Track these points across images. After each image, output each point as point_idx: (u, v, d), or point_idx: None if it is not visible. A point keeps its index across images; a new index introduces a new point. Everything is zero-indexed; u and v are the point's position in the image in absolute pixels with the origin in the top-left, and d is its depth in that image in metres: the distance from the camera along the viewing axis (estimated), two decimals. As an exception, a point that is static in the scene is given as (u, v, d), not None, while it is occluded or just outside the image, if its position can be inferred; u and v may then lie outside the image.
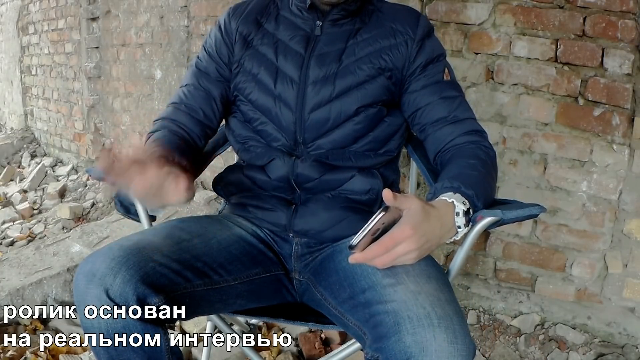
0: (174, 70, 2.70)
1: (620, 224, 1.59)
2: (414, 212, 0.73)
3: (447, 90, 1.00)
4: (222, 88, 1.05)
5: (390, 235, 0.72)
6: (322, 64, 0.98)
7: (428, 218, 0.74)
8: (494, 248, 1.78)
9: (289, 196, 1.01)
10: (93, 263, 0.77)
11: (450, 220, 0.78)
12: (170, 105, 1.06)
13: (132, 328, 0.76)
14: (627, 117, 1.55)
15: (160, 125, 1.03)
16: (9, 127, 5.18)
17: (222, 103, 1.05)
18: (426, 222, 0.74)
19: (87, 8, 3.31)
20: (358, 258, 0.74)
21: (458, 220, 0.79)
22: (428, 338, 0.66)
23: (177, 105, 1.05)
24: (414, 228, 0.72)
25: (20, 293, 1.72)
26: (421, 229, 0.73)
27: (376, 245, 0.72)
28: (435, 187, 0.85)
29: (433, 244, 0.76)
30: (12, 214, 3.09)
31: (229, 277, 0.92)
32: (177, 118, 1.03)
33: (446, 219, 0.78)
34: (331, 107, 0.97)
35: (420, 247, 0.73)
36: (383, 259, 0.73)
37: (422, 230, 0.73)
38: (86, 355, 1.52)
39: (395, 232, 0.72)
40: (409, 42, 0.99)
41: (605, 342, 1.64)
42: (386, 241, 0.72)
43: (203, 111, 1.04)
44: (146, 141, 1.00)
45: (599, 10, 1.53)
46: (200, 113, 1.04)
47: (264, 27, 1.03)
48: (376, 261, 0.74)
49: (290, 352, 1.59)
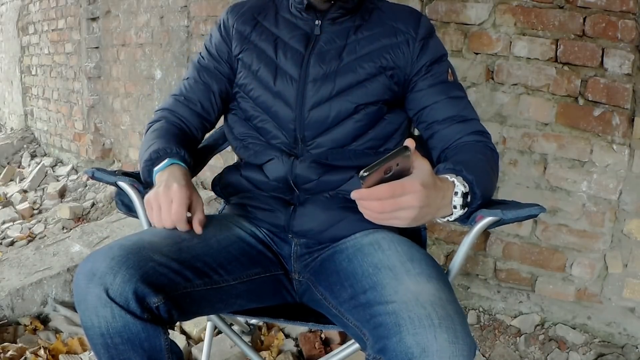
0: (174, 70, 2.70)
1: (620, 224, 1.59)
2: (425, 173, 0.73)
3: (454, 90, 1.00)
4: (222, 84, 1.07)
5: (401, 183, 0.70)
6: (323, 62, 0.98)
7: (434, 184, 0.74)
8: (494, 248, 1.78)
9: (287, 197, 1.01)
10: (93, 263, 0.77)
11: (449, 197, 0.79)
12: (170, 96, 1.10)
13: (132, 327, 0.76)
14: (627, 117, 1.55)
15: (159, 116, 1.08)
16: (9, 127, 5.18)
17: (221, 98, 1.07)
18: (432, 187, 0.74)
19: (87, 8, 3.31)
20: (363, 194, 0.71)
21: (456, 199, 0.79)
22: (429, 338, 0.66)
23: (177, 97, 1.09)
24: (423, 185, 0.71)
25: (20, 293, 1.72)
26: (428, 191, 0.72)
27: (385, 186, 0.70)
28: (437, 168, 0.85)
29: (430, 213, 0.76)
30: (12, 214, 3.09)
31: (229, 277, 0.92)
32: (176, 109, 1.07)
33: (447, 194, 0.78)
34: (331, 105, 0.97)
35: (421, 207, 0.72)
36: (384, 204, 0.71)
37: (428, 192, 0.72)
38: (86, 355, 1.52)
39: (406, 182, 0.71)
40: (411, 41, 0.99)
41: (605, 342, 1.64)
42: (395, 186, 0.70)
43: (201, 104, 1.07)
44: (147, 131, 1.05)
45: (599, 10, 1.53)
46: (199, 105, 1.07)
47: (262, 24, 1.04)
48: (375, 206, 0.71)
49: (290, 352, 1.59)
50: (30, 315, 1.71)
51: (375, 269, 0.82)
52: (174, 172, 0.90)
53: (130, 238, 0.85)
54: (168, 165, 0.92)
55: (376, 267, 0.83)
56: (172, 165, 0.92)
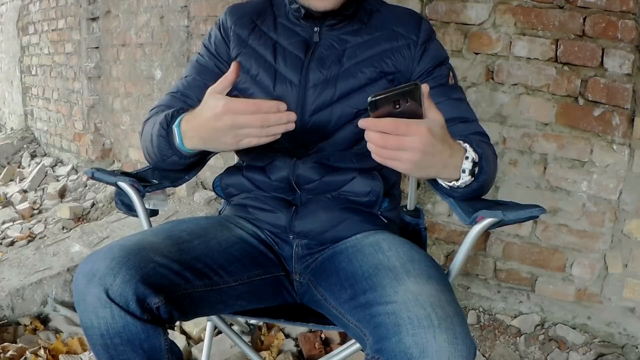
0: (174, 70, 2.70)
1: (620, 224, 1.59)
2: (436, 122, 0.72)
3: (455, 93, 1.00)
4: None
5: (407, 122, 0.70)
6: (323, 67, 0.97)
7: (444, 138, 0.74)
8: (494, 248, 1.78)
9: (289, 197, 1.01)
10: (93, 263, 0.77)
11: (459, 159, 0.79)
12: (168, 94, 1.07)
13: (132, 328, 0.76)
14: (627, 117, 1.55)
15: (156, 112, 1.03)
16: (9, 127, 5.19)
17: None
18: (440, 139, 0.73)
19: (87, 8, 3.31)
20: (368, 123, 0.70)
21: (466, 163, 0.79)
22: (428, 339, 0.66)
23: (174, 94, 1.06)
24: (429, 130, 0.70)
25: (20, 293, 1.72)
26: (434, 139, 0.71)
27: (390, 120, 0.69)
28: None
29: (434, 166, 0.75)
30: (12, 214, 3.09)
31: (229, 279, 0.92)
32: (173, 105, 1.03)
33: (457, 154, 0.78)
34: (332, 110, 0.97)
35: (424, 153, 0.71)
36: (387, 139, 0.70)
37: (434, 141, 0.71)
38: (86, 355, 1.52)
39: (412, 123, 0.70)
40: (412, 45, 0.99)
41: (605, 342, 1.64)
42: (401, 123, 0.69)
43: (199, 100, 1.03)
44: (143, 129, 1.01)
45: (599, 10, 1.53)
46: (196, 102, 1.03)
47: (260, 29, 1.03)
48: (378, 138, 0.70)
49: (290, 352, 1.59)
50: (30, 315, 1.71)
51: (375, 270, 0.82)
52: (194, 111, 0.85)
53: (130, 238, 0.85)
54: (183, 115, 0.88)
55: (376, 268, 0.83)
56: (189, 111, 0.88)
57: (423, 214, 1.27)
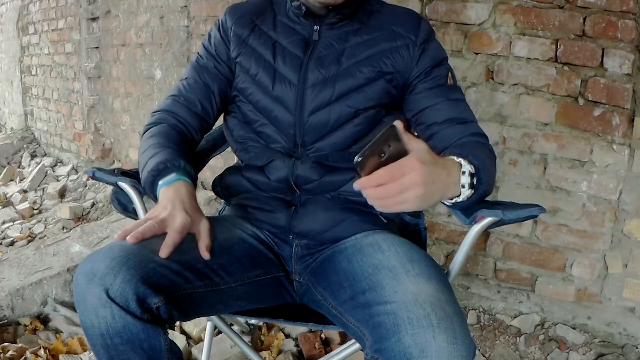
0: (174, 70, 2.70)
1: (620, 224, 1.59)
2: (421, 151, 0.72)
3: (453, 93, 1.00)
4: (221, 83, 1.05)
5: (398, 163, 0.70)
6: (322, 67, 0.98)
7: (435, 162, 0.74)
8: (494, 248, 1.78)
9: (288, 197, 1.01)
10: (93, 263, 0.77)
11: (456, 175, 0.79)
12: (169, 97, 1.07)
13: (132, 328, 0.76)
14: (627, 117, 1.55)
15: (158, 118, 1.04)
16: (9, 127, 5.19)
17: (220, 98, 1.06)
18: (433, 164, 0.73)
19: (87, 8, 3.31)
20: (364, 183, 0.70)
21: (464, 178, 0.79)
22: (428, 339, 0.66)
23: (176, 97, 1.05)
24: (421, 161, 0.70)
25: (20, 293, 1.72)
26: (428, 166, 0.71)
27: (383, 170, 0.69)
28: (443, 153, 0.85)
29: (438, 191, 0.75)
30: (12, 214, 3.09)
31: (230, 279, 0.91)
32: (176, 110, 1.04)
33: (453, 171, 0.78)
34: (331, 109, 0.97)
35: (425, 184, 0.71)
36: (388, 189, 0.69)
37: (429, 168, 0.71)
38: (86, 355, 1.52)
39: (403, 162, 0.70)
40: (411, 45, 0.99)
41: (605, 342, 1.64)
42: (393, 167, 0.69)
43: (201, 104, 1.04)
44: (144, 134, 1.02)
45: (599, 10, 1.53)
46: (199, 106, 1.04)
47: (260, 28, 1.03)
48: (379, 192, 0.70)
49: (290, 352, 1.59)
50: (30, 315, 1.71)
51: (374, 270, 0.82)
52: (179, 191, 0.87)
53: (130, 239, 0.85)
54: (175, 180, 0.89)
55: (376, 268, 0.83)
56: (178, 182, 0.89)
57: (423, 214, 1.27)
